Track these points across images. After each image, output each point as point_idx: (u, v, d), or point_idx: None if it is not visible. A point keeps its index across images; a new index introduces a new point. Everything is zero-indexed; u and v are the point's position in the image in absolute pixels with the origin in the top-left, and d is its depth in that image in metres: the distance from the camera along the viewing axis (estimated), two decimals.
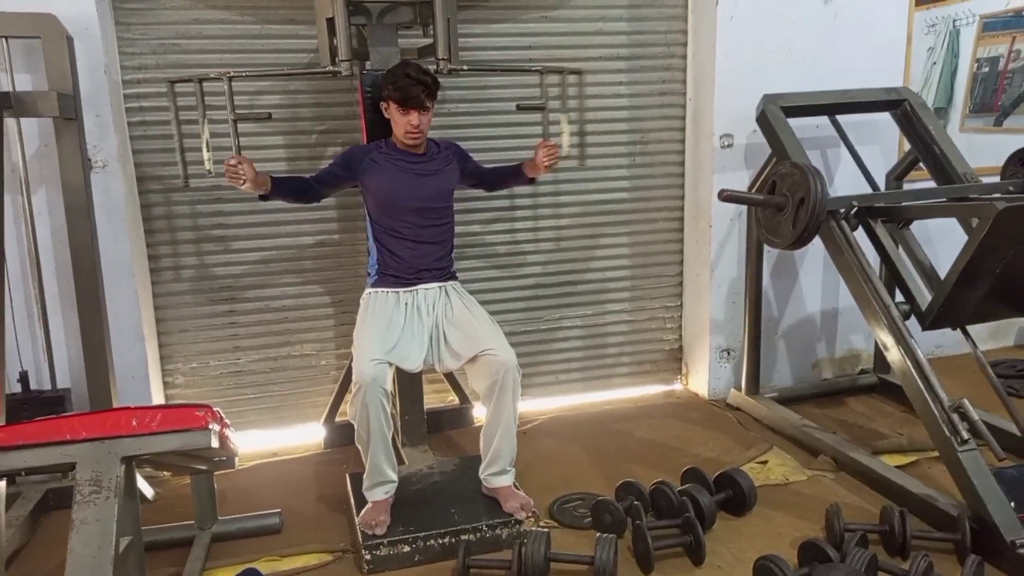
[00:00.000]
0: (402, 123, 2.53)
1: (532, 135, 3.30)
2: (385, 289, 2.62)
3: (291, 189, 2.58)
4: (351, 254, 3.30)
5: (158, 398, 3.14)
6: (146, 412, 1.76)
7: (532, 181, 2.86)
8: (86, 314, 2.72)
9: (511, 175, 2.85)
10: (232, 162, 2.38)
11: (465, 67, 2.84)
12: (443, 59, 2.71)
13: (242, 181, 2.39)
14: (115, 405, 2.78)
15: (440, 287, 2.65)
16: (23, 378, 2.85)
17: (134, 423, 1.73)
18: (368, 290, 2.67)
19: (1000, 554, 2.25)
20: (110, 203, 2.86)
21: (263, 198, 2.52)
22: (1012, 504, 2.30)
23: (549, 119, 3.04)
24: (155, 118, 3.02)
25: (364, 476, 2.50)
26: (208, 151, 2.64)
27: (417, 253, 2.62)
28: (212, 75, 2.64)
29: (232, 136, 2.63)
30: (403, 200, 2.58)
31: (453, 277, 2.72)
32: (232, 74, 2.64)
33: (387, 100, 2.55)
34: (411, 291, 2.61)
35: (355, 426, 2.42)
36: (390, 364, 2.43)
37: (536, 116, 3.14)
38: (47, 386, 2.90)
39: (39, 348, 2.90)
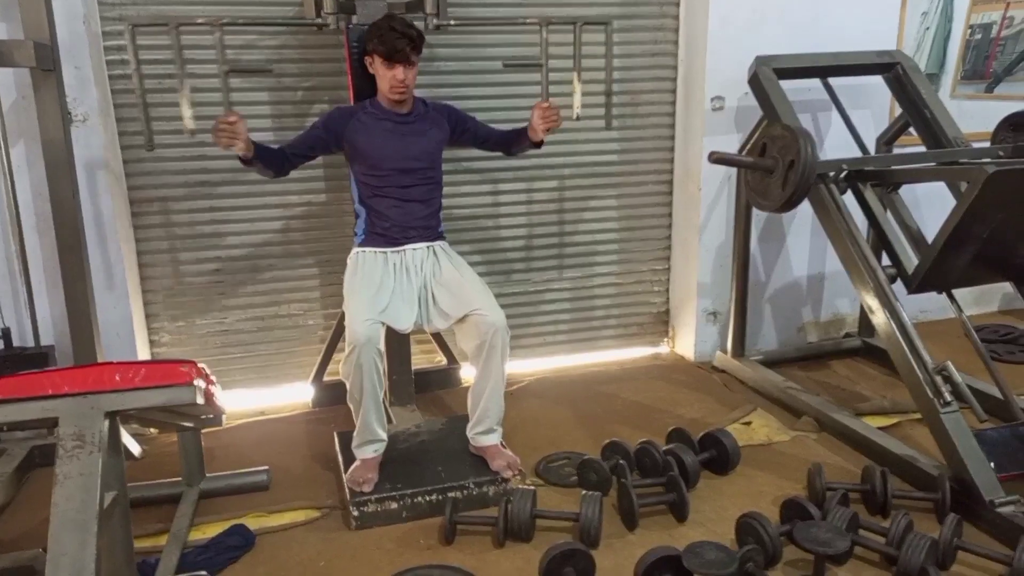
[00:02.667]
0: (387, 77, 2.49)
1: (527, 95, 3.26)
2: (373, 249, 2.61)
3: (270, 158, 2.50)
4: (338, 214, 3.27)
5: (144, 356, 3.12)
6: (129, 367, 1.74)
7: (539, 145, 2.74)
8: (69, 270, 2.68)
9: (517, 139, 2.76)
10: (231, 119, 2.31)
11: (453, 22, 2.78)
12: (431, 14, 2.66)
13: (234, 143, 2.32)
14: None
15: (428, 247, 2.63)
16: (5, 334, 2.82)
17: (117, 378, 1.71)
18: (356, 250, 2.65)
19: (979, 514, 2.29)
20: (91, 158, 2.81)
21: (245, 162, 2.45)
22: (992, 465, 2.34)
23: (550, 79, 2.83)
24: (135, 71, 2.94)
25: (354, 434, 2.50)
26: (190, 108, 2.55)
27: (404, 212, 2.60)
28: (199, 21, 2.55)
29: (223, 92, 2.55)
30: (389, 160, 2.55)
31: (441, 237, 2.70)
32: (224, 22, 2.53)
33: (372, 54, 2.51)
34: (399, 251, 2.60)
35: (348, 385, 2.42)
36: (382, 324, 2.43)
37: (533, 74, 3.00)
38: (30, 343, 2.87)
39: (22, 305, 2.86)
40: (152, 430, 2.90)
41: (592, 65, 3.42)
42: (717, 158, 2.78)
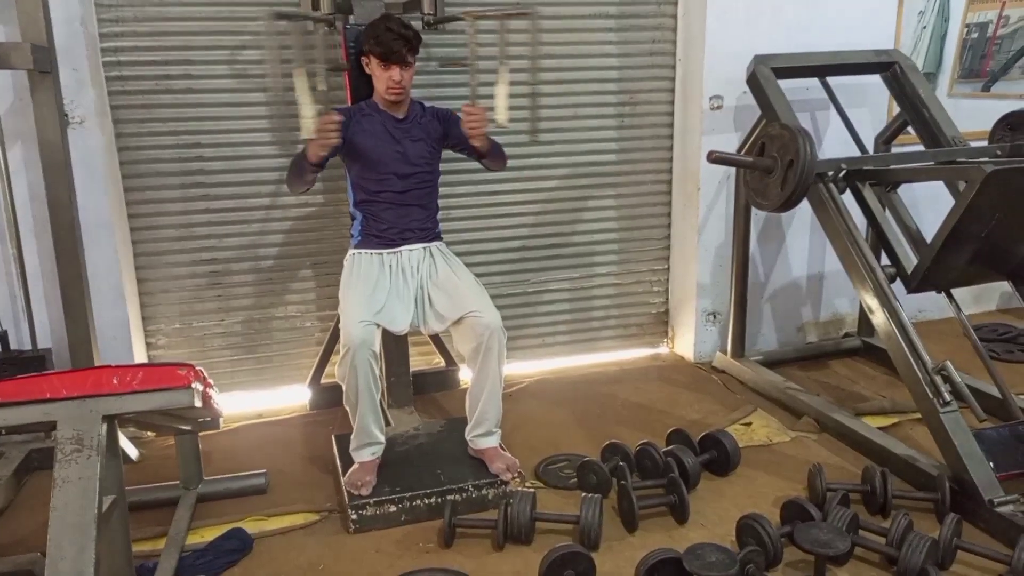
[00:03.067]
0: (383, 78, 2.49)
1: (522, 94, 3.25)
2: (369, 250, 2.60)
3: (323, 165, 2.47)
4: (334, 215, 3.26)
5: (140, 359, 3.11)
6: (127, 371, 1.73)
7: (482, 155, 2.59)
8: (66, 273, 2.67)
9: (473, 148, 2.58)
10: (338, 118, 2.31)
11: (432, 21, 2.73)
12: (429, 14, 2.65)
13: (333, 142, 2.31)
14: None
15: (424, 248, 2.63)
16: (3, 338, 2.81)
17: (115, 381, 1.71)
18: (352, 251, 2.65)
19: (978, 513, 2.29)
20: (88, 160, 2.80)
21: (316, 167, 2.42)
22: (991, 464, 2.34)
23: (478, 79, 2.61)
24: (134, 73, 2.94)
25: (351, 437, 2.50)
26: (313, 106, 2.31)
27: (401, 215, 2.60)
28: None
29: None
30: (386, 164, 2.55)
31: (438, 238, 2.70)
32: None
33: (368, 55, 2.49)
34: (395, 252, 2.59)
35: (343, 388, 2.42)
36: (377, 326, 2.42)
37: (531, 75, 2.97)
38: (28, 346, 2.86)
39: (19, 308, 2.85)
40: (149, 433, 2.90)
41: (591, 64, 3.44)
42: (716, 157, 2.78)
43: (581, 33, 3.38)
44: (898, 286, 2.69)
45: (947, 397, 2.43)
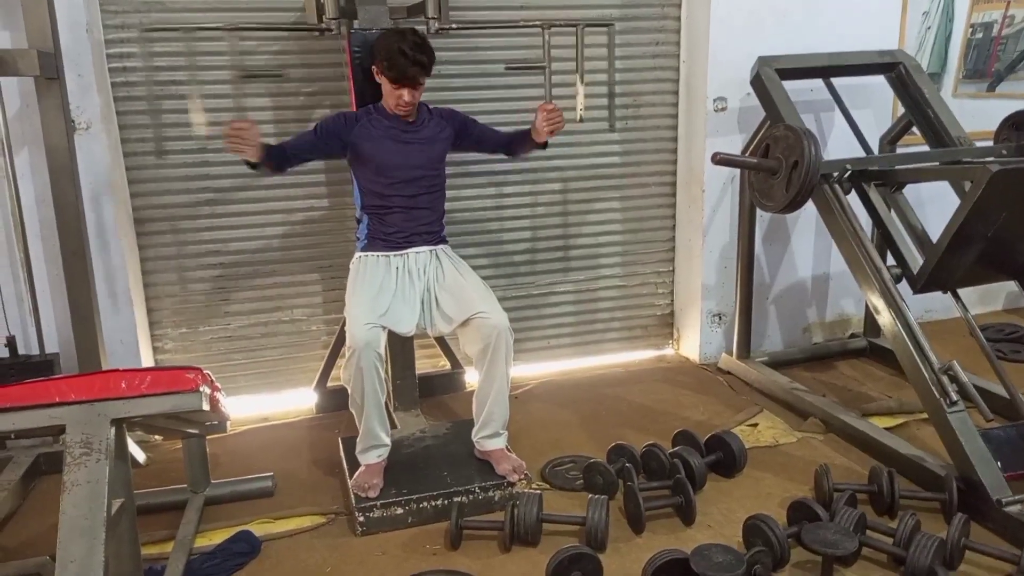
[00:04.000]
0: (392, 96, 2.48)
1: (528, 97, 3.26)
2: (375, 253, 2.60)
3: (276, 159, 2.47)
4: (340, 219, 3.27)
5: (148, 363, 3.12)
6: (135, 374, 1.74)
7: (544, 146, 2.70)
8: (73, 278, 2.69)
9: (521, 140, 2.71)
10: (243, 125, 2.30)
11: (454, 25, 2.78)
12: (433, 18, 2.66)
13: (244, 148, 2.30)
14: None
15: (431, 251, 2.63)
16: (11, 343, 2.82)
17: (123, 385, 1.71)
18: (358, 254, 2.65)
19: (986, 513, 2.28)
20: (95, 165, 2.81)
21: (251, 166, 2.42)
22: (999, 464, 2.33)
23: (552, 81, 2.79)
24: (139, 78, 2.96)
25: (357, 440, 2.50)
26: (201, 114, 2.48)
27: (409, 218, 2.60)
28: (208, 26, 2.51)
29: (235, 98, 2.49)
30: (394, 169, 2.55)
31: (444, 241, 2.70)
32: (238, 27, 2.46)
33: (379, 65, 2.48)
34: (402, 255, 2.59)
35: (349, 390, 2.42)
36: (383, 328, 2.42)
37: (535, 77, 2.98)
38: (35, 351, 2.87)
39: (26, 312, 2.86)
40: (156, 437, 2.90)
41: (594, 67, 3.43)
42: (720, 159, 2.78)
43: (585, 36, 3.37)
44: (904, 286, 2.69)
45: (954, 397, 2.42)
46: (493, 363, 2.46)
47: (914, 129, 3.27)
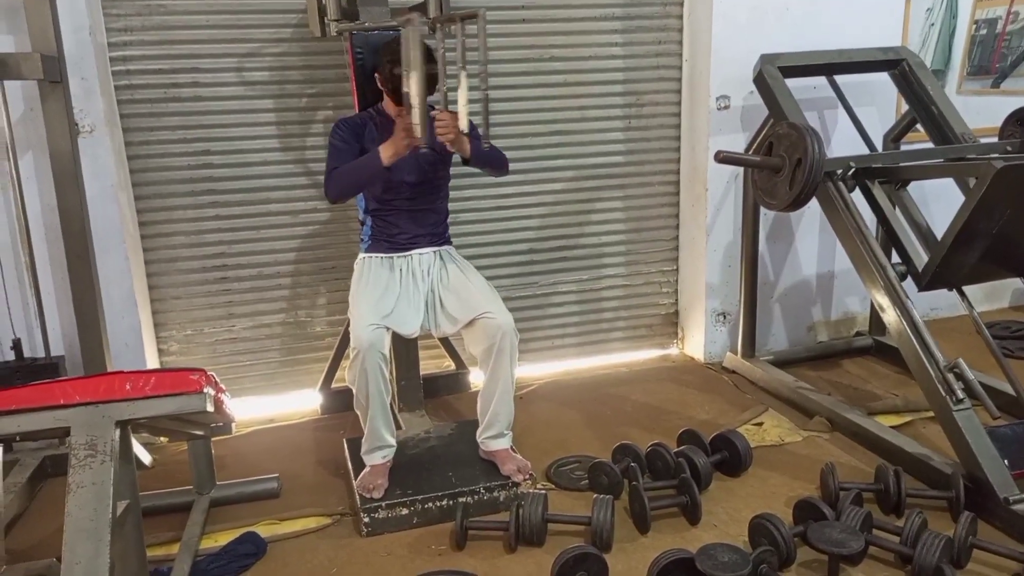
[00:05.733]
0: (394, 109, 2.48)
1: (535, 97, 3.27)
2: (379, 255, 2.61)
3: None
4: (343, 220, 3.27)
5: (153, 365, 3.13)
6: (140, 376, 1.74)
7: (466, 162, 2.57)
8: (78, 281, 2.69)
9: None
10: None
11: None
12: (435, 17, 2.65)
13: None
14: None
15: (435, 252, 2.63)
16: (16, 345, 2.83)
17: (128, 387, 1.72)
18: (362, 255, 2.65)
19: (993, 511, 2.27)
20: (98, 168, 2.82)
21: (387, 169, 2.42)
22: (1006, 462, 2.32)
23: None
24: (142, 81, 2.96)
25: (362, 440, 2.50)
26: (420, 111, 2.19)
27: (413, 220, 2.60)
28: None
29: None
30: (398, 172, 2.54)
31: (448, 242, 2.70)
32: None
33: (383, 83, 2.47)
34: (405, 256, 2.60)
35: (353, 391, 2.42)
36: (387, 329, 2.42)
37: (544, 76, 2.92)
38: (41, 353, 2.88)
39: (32, 315, 2.87)
40: (162, 439, 2.90)
41: (596, 67, 3.44)
42: (723, 157, 2.77)
43: (587, 35, 3.38)
44: (909, 284, 2.68)
45: (960, 395, 2.41)
46: (498, 363, 2.46)
47: (918, 126, 3.26)
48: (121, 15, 2.90)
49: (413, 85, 2.19)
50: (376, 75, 2.52)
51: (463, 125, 2.33)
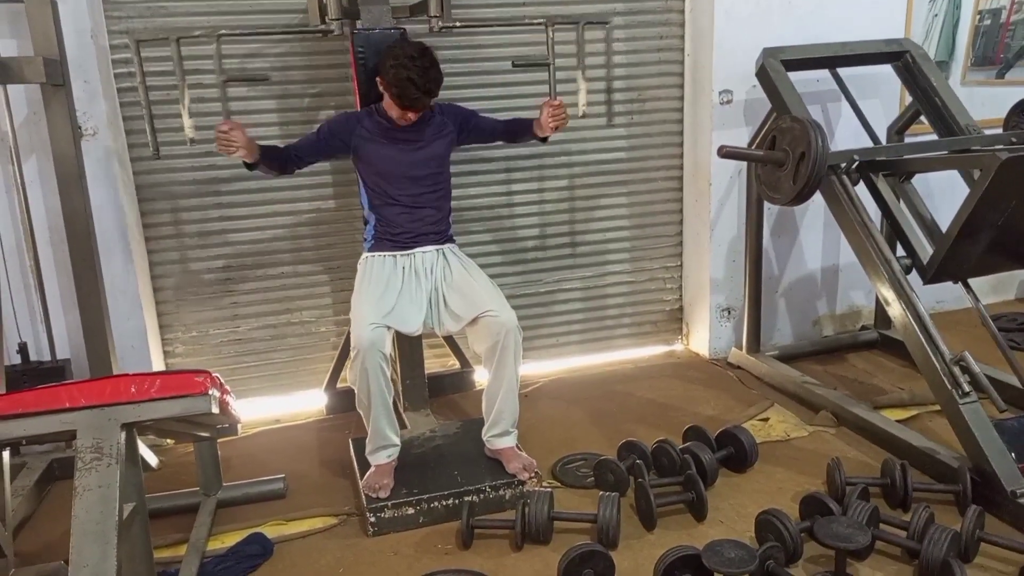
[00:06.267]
0: (396, 112, 2.48)
1: (531, 94, 3.25)
2: (382, 253, 2.61)
3: (275, 158, 2.51)
4: (348, 219, 3.27)
5: (158, 367, 3.14)
6: (145, 379, 1.75)
7: (544, 140, 2.74)
8: (83, 284, 2.70)
9: (523, 129, 2.73)
10: (224, 128, 2.34)
11: (458, 24, 2.77)
12: (435, 16, 2.65)
13: (234, 149, 2.34)
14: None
15: (438, 250, 2.63)
16: (22, 349, 2.84)
17: (133, 390, 1.72)
18: (365, 254, 2.65)
19: (1000, 505, 2.26)
20: (102, 171, 2.83)
21: (249, 166, 2.45)
22: (1013, 455, 2.31)
23: (556, 77, 2.77)
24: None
25: (367, 440, 2.50)
26: (189, 117, 2.53)
27: (415, 218, 2.60)
28: (197, 34, 2.57)
29: (222, 101, 2.56)
30: (397, 170, 2.54)
31: (451, 240, 2.70)
32: (221, 33, 2.53)
33: (385, 87, 2.46)
34: (408, 254, 2.59)
35: (356, 391, 2.42)
36: (388, 328, 2.42)
37: (538, 73, 2.98)
38: (47, 357, 2.89)
39: (37, 319, 2.88)
40: (169, 441, 2.92)
41: (595, 63, 3.42)
42: (727, 152, 2.76)
43: (589, 30, 3.36)
44: (914, 277, 2.67)
45: (966, 388, 2.40)
46: (502, 361, 2.46)
47: (922, 118, 3.25)
48: (122, 17, 2.90)
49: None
50: (378, 79, 2.51)
51: (581, 112, 2.77)
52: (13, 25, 2.66)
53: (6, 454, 2.15)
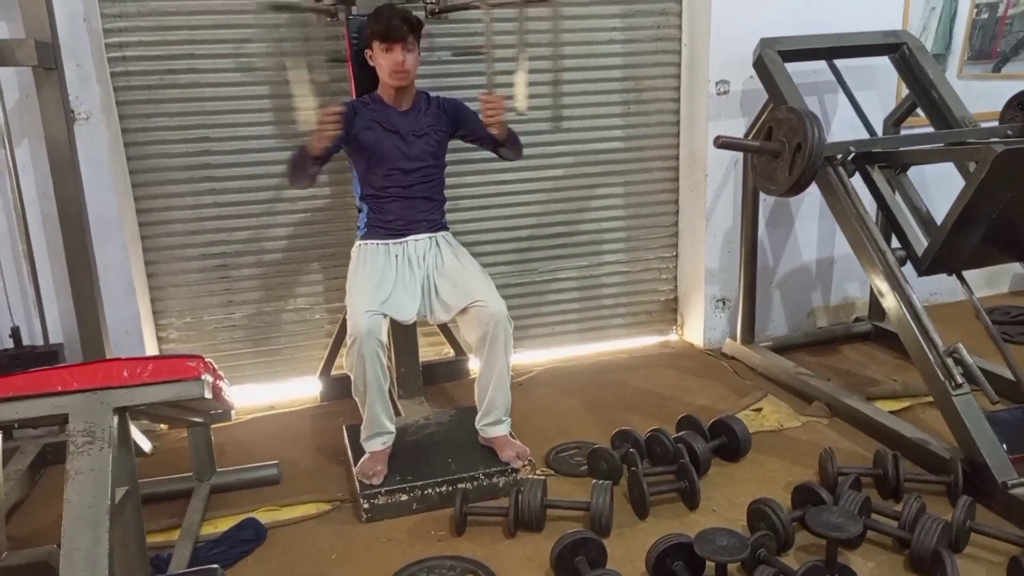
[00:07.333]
0: (387, 64, 2.46)
1: (534, 84, 3.23)
2: (375, 241, 2.60)
3: (328, 155, 2.45)
4: (342, 207, 3.26)
5: (152, 352, 3.13)
6: (137, 363, 1.74)
7: (502, 144, 2.59)
8: (75, 268, 2.69)
9: (491, 139, 2.60)
10: (339, 109, 2.30)
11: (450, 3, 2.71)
12: (433, 1, 2.64)
13: (331, 137, 2.29)
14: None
15: (431, 238, 2.62)
16: (15, 333, 2.83)
17: (125, 374, 1.72)
18: (358, 242, 2.65)
19: (991, 495, 2.27)
20: (95, 156, 2.81)
21: (318, 160, 2.40)
22: (1004, 446, 2.32)
23: (495, 68, 2.56)
24: (138, 68, 2.95)
25: (361, 427, 2.50)
26: (310, 99, 2.29)
27: (408, 207, 2.59)
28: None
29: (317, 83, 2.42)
30: (391, 159, 2.54)
31: (444, 228, 2.69)
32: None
33: (370, 41, 2.47)
34: (401, 243, 2.59)
35: (352, 378, 2.42)
36: (384, 315, 2.42)
37: (539, 62, 2.91)
38: (39, 341, 2.88)
39: (30, 303, 2.87)
40: (162, 426, 2.91)
41: (598, 51, 3.42)
42: (723, 143, 2.76)
43: (586, 20, 3.36)
44: (909, 269, 2.67)
45: (959, 380, 2.41)
46: (492, 351, 2.46)
47: (918, 111, 3.25)
48: (116, 0, 2.87)
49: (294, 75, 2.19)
50: (366, 51, 2.50)
51: (522, 106, 2.37)
52: (4, 7, 2.63)
53: None
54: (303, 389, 3.33)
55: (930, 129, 3.19)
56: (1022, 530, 2.14)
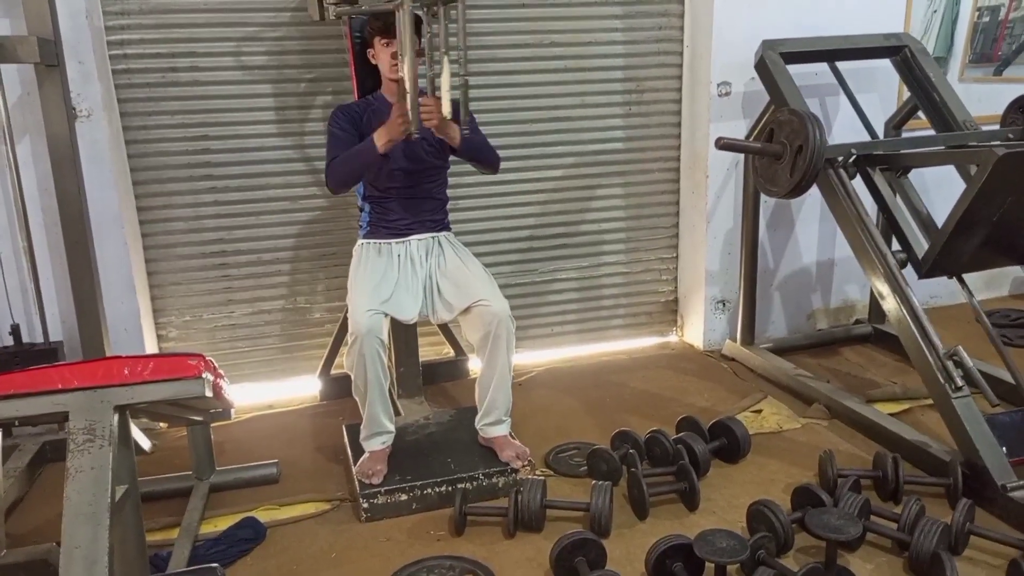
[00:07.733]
0: (388, 60, 2.46)
1: (534, 83, 3.24)
2: (377, 240, 2.60)
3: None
4: (343, 206, 3.26)
5: (151, 351, 3.12)
6: (138, 361, 1.74)
7: (454, 151, 2.55)
8: (76, 266, 2.69)
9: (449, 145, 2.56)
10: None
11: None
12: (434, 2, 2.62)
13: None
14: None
15: (433, 238, 2.63)
16: (15, 331, 2.82)
17: (126, 372, 1.71)
18: (360, 241, 2.65)
19: (990, 498, 2.28)
20: (96, 153, 2.80)
21: (382, 156, 2.42)
22: (1004, 449, 2.33)
23: (436, 69, 2.37)
24: (140, 66, 2.94)
25: (361, 426, 2.50)
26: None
27: (410, 207, 2.60)
28: None
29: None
30: (394, 159, 2.53)
31: (446, 228, 2.69)
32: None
33: (371, 39, 2.47)
34: (403, 242, 2.59)
35: (352, 377, 2.42)
36: (385, 315, 2.42)
37: (544, 62, 2.89)
38: (39, 339, 2.88)
39: (30, 301, 2.87)
40: (162, 425, 2.91)
41: (599, 52, 3.41)
42: (724, 144, 2.76)
43: (588, 20, 3.36)
44: (909, 272, 2.67)
45: (959, 382, 2.41)
46: (494, 351, 2.46)
47: (920, 113, 3.25)
48: None
49: (407, 71, 2.18)
50: (368, 50, 2.50)
51: (445, 110, 2.32)
52: (7, 4, 2.63)
53: None
54: (303, 388, 3.33)
55: (931, 132, 3.19)
56: (1021, 533, 2.14)
